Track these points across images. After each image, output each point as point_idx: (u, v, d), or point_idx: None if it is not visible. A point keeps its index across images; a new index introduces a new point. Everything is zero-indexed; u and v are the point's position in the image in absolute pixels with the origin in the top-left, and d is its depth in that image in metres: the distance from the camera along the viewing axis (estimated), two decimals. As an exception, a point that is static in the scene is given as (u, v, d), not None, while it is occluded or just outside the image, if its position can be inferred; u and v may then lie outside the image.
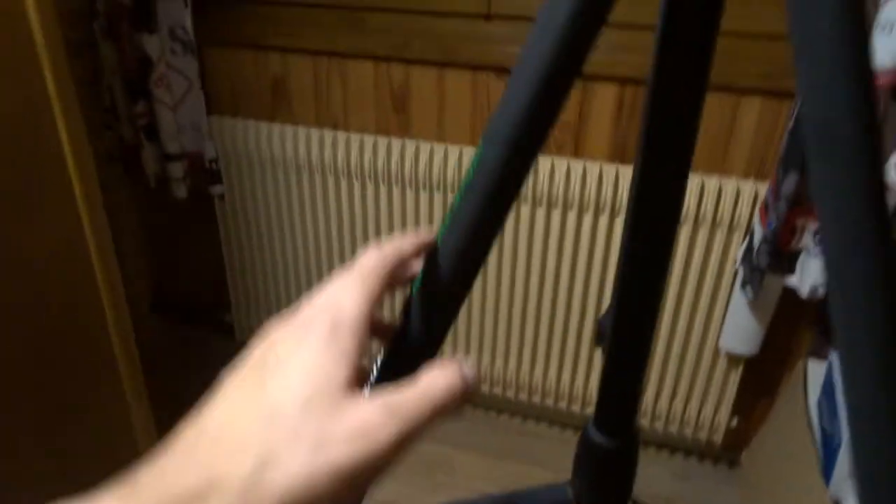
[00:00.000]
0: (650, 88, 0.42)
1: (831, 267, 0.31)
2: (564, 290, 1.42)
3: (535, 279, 1.42)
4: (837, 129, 0.29)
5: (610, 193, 1.30)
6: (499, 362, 1.56)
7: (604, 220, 1.33)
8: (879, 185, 0.30)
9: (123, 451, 1.10)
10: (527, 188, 1.33)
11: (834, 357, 1.21)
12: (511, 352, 1.54)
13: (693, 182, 1.26)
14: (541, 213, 1.35)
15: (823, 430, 1.14)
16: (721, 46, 0.40)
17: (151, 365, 1.86)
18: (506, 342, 1.53)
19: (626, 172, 1.29)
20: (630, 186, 0.46)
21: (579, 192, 1.31)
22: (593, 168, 1.30)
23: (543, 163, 1.32)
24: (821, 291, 1.19)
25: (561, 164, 1.31)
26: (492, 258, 1.43)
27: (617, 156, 1.33)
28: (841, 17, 0.27)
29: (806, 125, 0.30)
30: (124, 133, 1.49)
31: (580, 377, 1.52)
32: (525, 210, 1.36)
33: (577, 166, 1.31)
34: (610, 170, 1.30)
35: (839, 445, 1.04)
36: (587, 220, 1.33)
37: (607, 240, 1.34)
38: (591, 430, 0.52)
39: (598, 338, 0.63)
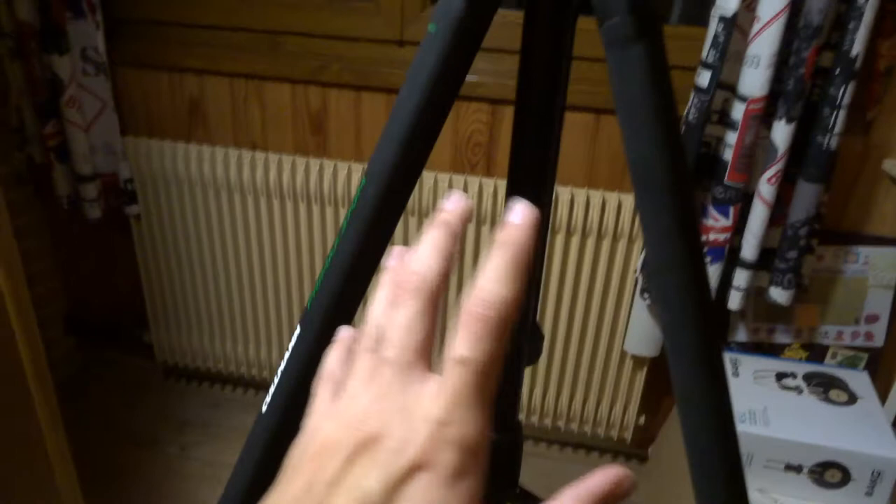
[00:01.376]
0: (515, 109, 0.48)
1: (652, 276, 0.38)
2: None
3: (451, 293, 1.49)
4: (650, 168, 0.35)
5: (520, 209, 1.38)
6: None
7: (515, 235, 1.40)
8: (686, 206, 0.37)
9: (40, 482, 1.08)
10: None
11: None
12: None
13: (595, 198, 1.35)
14: (456, 228, 1.42)
15: (714, 423, 1.24)
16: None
17: (69, 388, 1.82)
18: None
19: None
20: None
21: (491, 209, 1.39)
22: (504, 185, 1.38)
23: (457, 181, 1.38)
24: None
25: (474, 182, 1.38)
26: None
27: (526, 173, 1.41)
28: (649, 89, 0.34)
29: (630, 164, 0.37)
30: (34, 154, 1.46)
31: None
32: (441, 226, 1.42)
33: (489, 184, 1.38)
34: (519, 187, 1.37)
35: (726, 436, 1.14)
36: (500, 234, 1.41)
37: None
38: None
39: None
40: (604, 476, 0.24)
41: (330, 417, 0.25)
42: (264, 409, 0.45)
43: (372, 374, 0.24)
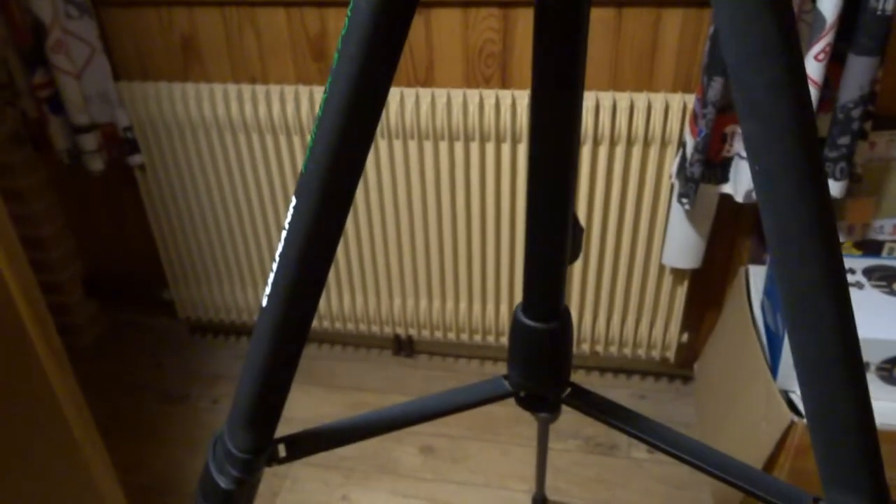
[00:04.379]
0: (535, 7, 0.41)
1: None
2: (507, 220, 1.41)
3: (475, 212, 1.41)
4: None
5: (541, 120, 1.28)
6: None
7: (538, 149, 1.31)
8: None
9: (66, 462, 1.04)
10: (458, 125, 1.30)
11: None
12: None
13: (622, 101, 1.25)
14: (475, 147, 1.33)
15: (768, 327, 1.16)
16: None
17: (95, 351, 1.80)
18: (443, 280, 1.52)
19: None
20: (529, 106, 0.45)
21: (510, 124, 1.29)
22: (522, 97, 1.28)
23: (472, 96, 1.29)
24: (755, 196, 1.20)
25: (489, 96, 1.29)
26: (419, 193, 1.40)
27: (545, 82, 1.31)
28: None
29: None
30: (27, 108, 1.39)
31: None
32: (459, 147, 1.33)
33: (505, 96, 1.28)
34: (539, 96, 1.27)
35: (783, 339, 1.06)
36: (522, 149, 1.32)
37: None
38: (519, 316, 0.51)
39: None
40: None
41: None
42: (265, 301, 0.38)
43: None
